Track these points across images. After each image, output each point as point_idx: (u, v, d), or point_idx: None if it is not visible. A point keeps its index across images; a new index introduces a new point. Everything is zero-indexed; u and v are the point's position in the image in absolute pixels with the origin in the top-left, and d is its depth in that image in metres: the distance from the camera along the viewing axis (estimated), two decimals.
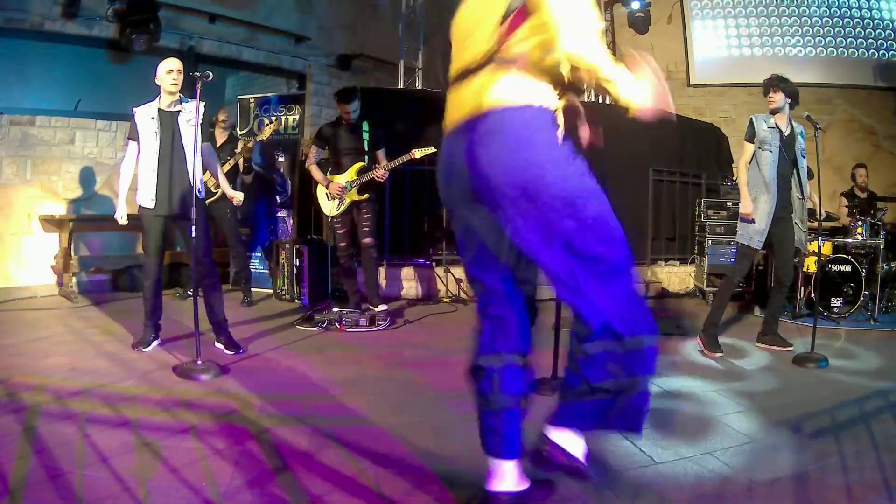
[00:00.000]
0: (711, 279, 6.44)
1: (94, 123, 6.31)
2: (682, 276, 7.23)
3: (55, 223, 5.86)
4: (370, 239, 4.95)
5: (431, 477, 2.15)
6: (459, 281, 6.24)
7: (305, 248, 5.77)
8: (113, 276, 6.30)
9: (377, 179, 4.89)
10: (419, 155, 4.84)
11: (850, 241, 5.55)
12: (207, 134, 4.42)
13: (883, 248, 5.55)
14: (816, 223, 4.45)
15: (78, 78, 6.31)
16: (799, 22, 8.91)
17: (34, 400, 2.81)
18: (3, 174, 5.81)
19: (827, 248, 5.48)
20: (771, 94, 4.11)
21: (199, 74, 3.41)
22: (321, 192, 5.04)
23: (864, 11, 8.76)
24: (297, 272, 5.85)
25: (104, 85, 6.37)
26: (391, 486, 2.09)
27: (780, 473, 2.24)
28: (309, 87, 8.06)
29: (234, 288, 6.23)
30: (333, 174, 4.99)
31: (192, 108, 3.76)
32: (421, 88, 7.96)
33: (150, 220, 3.77)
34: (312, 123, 7.27)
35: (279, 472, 2.17)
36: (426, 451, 2.38)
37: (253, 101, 7.09)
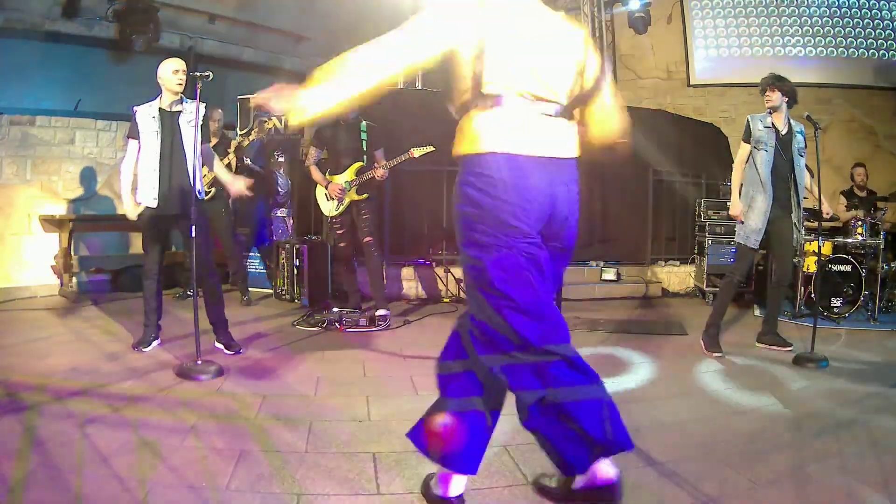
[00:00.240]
0: (711, 279, 6.44)
1: (94, 123, 6.31)
2: (682, 276, 7.23)
3: (55, 223, 5.87)
4: (370, 238, 4.94)
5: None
6: (459, 281, 6.23)
7: (305, 248, 5.77)
8: (113, 276, 6.30)
9: (377, 179, 4.88)
10: (418, 154, 4.79)
11: (850, 241, 5.55)
12: (209, 135, 4.41)
13: (883, 248, 5.55)
14: (816, 223, 4.45)
15: (78, 78, 6.31)
16: (799, 22, 8.92)
17: (34, 400, 2.81)
18: (3, 174, 5.82)
19: (827, 248, 5.48)
20: (768, 93, 4.09)
21: (199, 74, 3.41)
22: (320, 192, 5.03)
23: (864, 11, 8.77)
24: (297, 272, 5.85)
25: (104, 85, 6.36)
26: (391, 485, 2.09)
27: (780, 473, 2.24)
28: None
29: (233, 288, 6.24)
30: (332, 174, 4.98)
31: (192, 108, 3.77)
32: (421, 88, 7.95)
33: (150, 219, 3.77)
34: (312, 123, 7.26)
35: (279, 472, 2.17)
36: None
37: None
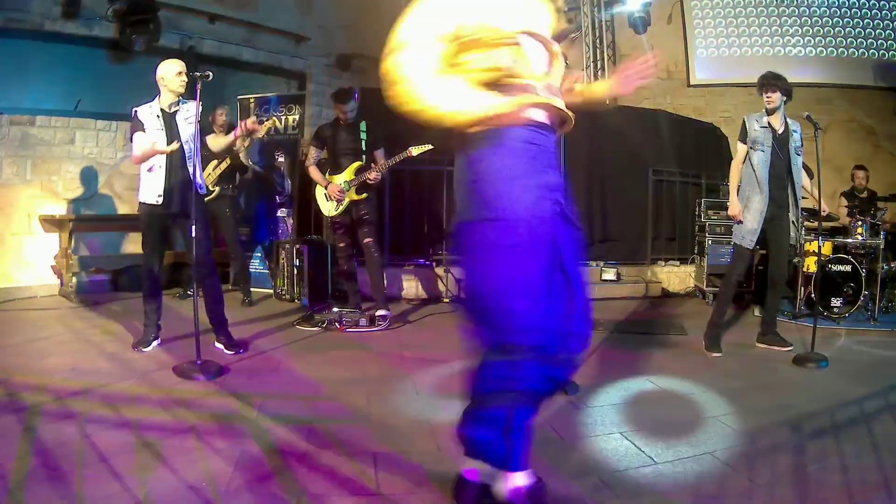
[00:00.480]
0: (711, 279, 6.44)
1: (94, 123, 6.31)
2: (682, 276, 7.23)
3: (55, 223, 5.86)
4: (370, 239, 4.94)
5: (432, 477, 2.15)
6: (459, 281, 6.23)
7: (305, 248, 5.77)
8: (113, 276, 6.30)
9: (369, 181, 4.84)
10: (416, 153, 4.72)
11: (850, 241, 5.54)
12: (207, 132, 4.41)
13: (883, 248, 5.55)
14: (816, 223, 4.44)
15: (78, 78, 6.30)
16: (799, 22, 8.90)
17: (34, 400, 2.81)
18: (3, 174, 5.81)
19: (827, 248, 5.47)
20: (768, 93, 4.04)
21: (199, 74, 3.41)
22: (320, 192, 5.03)
23: (864, 11, 8.77)
24: (297, 272, 5.85)
25: (104, 85, 6.35)
26: (391, 486, 2.09)
27: (780, 473, 2.24)
28: (309, 87, 8.06)
29: (234, 288, 6.24)
30: (332, 174, 4.98)
31: (189, 108, 3.79)
32: None
33: (152, 217, 3.77)
34: (312, 123, 7.26)
35: (279, 472, 2.17)
36: (426, 451, 2.38)
37: (253, 101, 7.09)
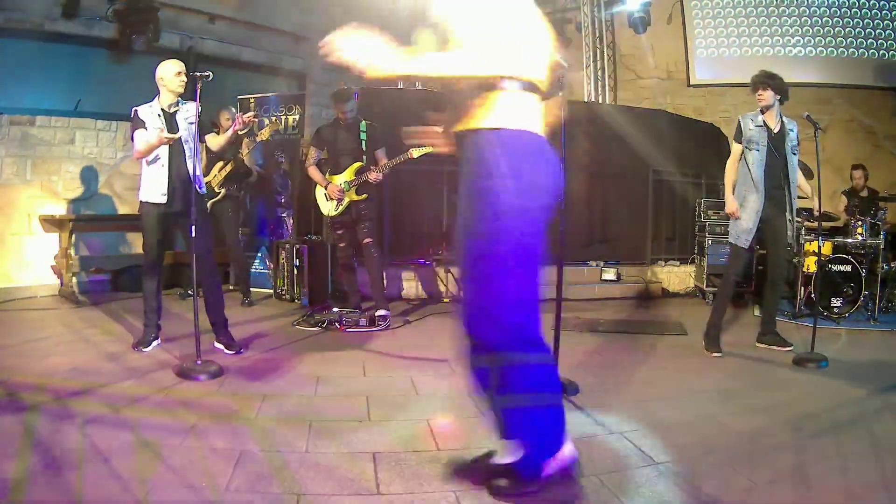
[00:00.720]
0: (711, 279, 6.44)
1: (94, 123, 6.31)
2: (682, 276, 7.23)
3: (55, 223, 5.86)
4: (370, 239, 4.93)
5: (431, 477, 2.15)
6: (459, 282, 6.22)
7: (305, 248, 5.77)
8: (113, 276, 6.30)
9: (370, 182, 4.85)
10: (416, 155, 4.68)
11: (850, 241, 5.54)
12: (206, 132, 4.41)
13: (883, 248, 5.55)
14: (816, 223, 4.43)
15: (78, 78, 6.30)
16: (799, 22, 8.91)
17: (34, 400, 2.81)
18: (3, 174, 5.81)
19: (827, 248, 5.47)
20: (760, 91, 4.06)
21: (199, 74, 3.41)
22: (320, 192, 5.03)
23: (864, 11, 8.76)
24: (297, 272, 5.85)
25: (104, 85, 6.35)
26: (391, 486, 2.09)
27: (780, 473, 2.24)
28: (309, 87, 8.06)
29: (234, 288, 6.23)
30: (332, 174, 4.98)
31: (189, 108, 3.80)
32: (421, 88, 7.94)
33: (153, 216, 3.78)
34: (312, 123, 7.26)
35: (279, 472, 2.17)
36: (426, 451, 2.38)
37: (253, 101, 7.09)
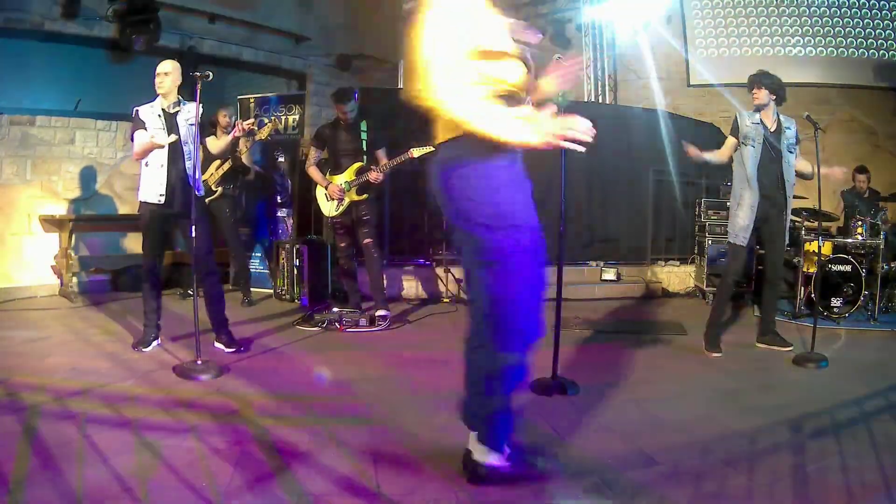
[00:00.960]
0: (711, 279, 6.43)
1: (94, 123, 6.30)
2: (682, 276, 7.22)
3: (55, 223, 5.86)
4: (370, 240, 4.93)
5: (431, 477, 2.15)
6: (459, 281, 6.23)
7: (305, 248, 5.77)
8: (113, 276, 6.30)
9: (371, 182, 4.85)
10: (417, 154, 4.66)
11: (850, 241, 5.54)
12: (206, 134, 4.42)
13: (883, 248, 5.55)
14: (816, 223, 4.43)
15: (78, 78, 6.30)
16: (799, 22, 8.89)
17: (34, 400, 2.81)
18: (3, 174, 5.81)
19: (827, 248, 5.47)
20: (754, 91, 4.10)
21: (199, 74, 3.41)
22: (320, 192, 5.03)
23: (864, 11, 8.76)
24: (297, 272, 5.85)
25: (104, 85, 6.36)
26: (391, 486, 2.09)
27: (780, 473, 2.24)
28: (309, 87, 8.06)
29: (234, 288, 6.23)
30: (332, 175, 4.98)
31: (189, 108, 3.79)
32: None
33: (153, 217, 3.78)
34: (312, 123, 7.26)
35: (279, 472, 2.17)
36: (426, 451, 2.38)
37: (253, 101, 7.08)
